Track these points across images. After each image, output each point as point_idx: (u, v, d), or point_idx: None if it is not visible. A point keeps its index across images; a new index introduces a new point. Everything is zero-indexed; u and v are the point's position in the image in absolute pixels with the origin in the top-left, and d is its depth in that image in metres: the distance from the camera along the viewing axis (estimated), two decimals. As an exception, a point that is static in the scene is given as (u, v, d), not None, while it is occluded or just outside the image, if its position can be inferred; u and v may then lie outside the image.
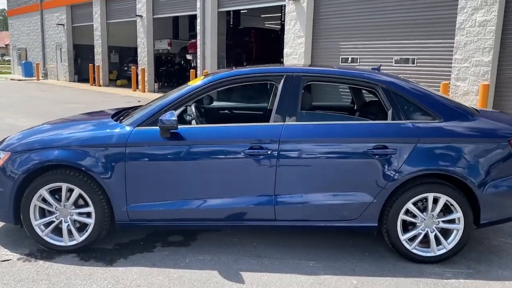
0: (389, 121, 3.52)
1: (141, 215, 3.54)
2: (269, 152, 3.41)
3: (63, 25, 26.04)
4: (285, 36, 13.69)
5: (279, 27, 22.31)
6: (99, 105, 14.51)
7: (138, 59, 20.67)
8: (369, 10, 11.63)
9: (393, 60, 11.31)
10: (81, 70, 26.89)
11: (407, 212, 3.51)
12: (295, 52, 13.38)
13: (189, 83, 3.85)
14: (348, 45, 12.25)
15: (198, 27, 16.92)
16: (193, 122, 4.09)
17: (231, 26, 21.38)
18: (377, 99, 4.70)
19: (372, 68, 4.25)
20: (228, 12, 19.52)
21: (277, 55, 19.31)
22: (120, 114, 4.15)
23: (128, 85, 22.31)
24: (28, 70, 29.33)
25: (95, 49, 23.82)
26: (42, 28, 28.24)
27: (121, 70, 26.11)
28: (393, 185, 3.43)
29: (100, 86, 23.23)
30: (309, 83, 3.64)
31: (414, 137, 3.42)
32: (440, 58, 10.33)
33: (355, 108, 4.93)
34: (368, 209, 3.48)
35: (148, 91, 19.99)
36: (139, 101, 15.62)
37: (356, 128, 3.48)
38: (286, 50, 13.67)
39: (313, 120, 3.55)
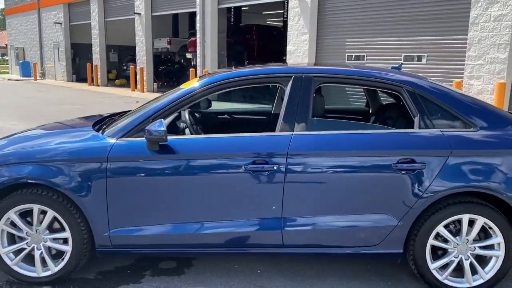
0: (416, 129, 2.99)
1: (126, 241, 3.03)
2: (275, 167, 2.89)
3: (60, 23, 25.56)
4: (288, 32, 13.18)
5: (281, 24, 21.77)
6: (96, 105, 14.04)
7: (137, 58, 20.18)
8: (376, 5, 11.11)
9: (402, 57, 10.79)
10: (79, 70, 26.41)
11: (437, 236, 2.99)
12: (299, 50, 12.87)
13: (182, 86, 3.34)
14: (354, 42, 11.74)
15: (198, 25, 16.40)
16: (187, 130, 3.57)
17: (231, 23, 20.85)
18: (395, 101, 4.22)
19: (392, 67, 3.72)
20: (228, 9, 19.01)
21: (279, 53, 18.80)
22: (104, 121, 3.63)
23: (127, 85, 21.83)
24: (26, 70, 28.86)
25: (93, 48, 23.34)
26: (40, 27, 27.76)
27: (120, 69, 25.61)
28: (422, 206, 2.91)
29: (99, 86, 22.75)
30: (321, 85, 3.12)
31: (446, 149, 2.90)
32: (452, 55, 9.82)
33: (370, 111, 4.40)
34: (392, 233, 2.96)
35: (147, 91, 19.49)
36: (137, 102, 15.14)
37: (377, 139, 2.95)
38: (289, 48, 13.16)
39: (326, 128, 3.03)
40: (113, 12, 21.97)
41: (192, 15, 18.61)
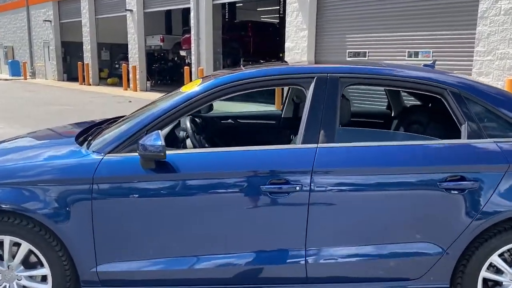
0: (464, 140, 2.50)
1: (117, 277, 2.51)
2: (297, 187, 2.38)
3: (50, 21, 24.88)
4: (286, 29, 12.67)
5: (277, 20, 21.29)
6: (87, 106, 13.47)
7: (129, 56, 19.59)
8: (379, -2, 10.65)
9: (406, 53, 10.33)
10: (70, 69, 25.73)
11: (490, 266, 2.51)
12: (297, 46, 12.37)
13: (182, 89, 2.82)
14: (355, 37, 11.26)
15: (192, 21, 15.83)
16: (188, 141, 3.05)
17: (226, 20, 20.35)
18: (420, 103, 3.75)
19: (424, 65, 3.23)
20: (223, 5, 18.46)
21: (276, 50, 18.33)
22: (90, 132, 3.10)
23: (120, 84, 21.23)
24: (15, 69, 28.12)
25: (84, 46, 22.71)
26: (29, 25, 27.03)
27: (112, 68, 24.99)
28: (473, 232, 2.43)
29: (90, 85, 22.11)
30: (349, 87, 2.61)
31: (503, 163, 2.41)
32: (459, 51, 9.35)
33: (393, 115, 3.91)
34: (437, 264, 2.47)
35: (140, 90, 18.90)
36: (130, 101, 14.60)
37: (420, 152, 2.45)
38: (287, 44, 12.65)
39: (356, 139, 2.52)
40: (104, 9, 21.34)
41: (186, 11, 18.05)
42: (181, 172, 2.40)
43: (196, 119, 3.65)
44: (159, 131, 2.39)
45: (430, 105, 3.65)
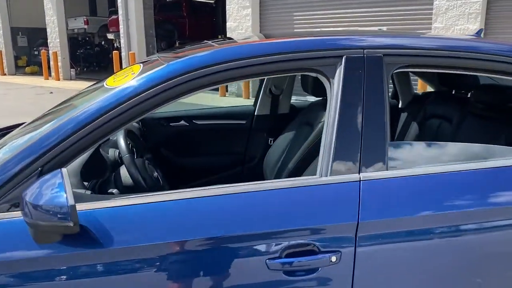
0: None
1: None
2: (332, 258, 1.32)
3: (-48, 3, 21.88)
4: (227, 7, 11.54)
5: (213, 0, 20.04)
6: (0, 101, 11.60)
7: (49, 41, 17.52)
8: (328, -28, 9.85)
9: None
10: (-18, 58, 22.92)
11: None
12: (240, 26, 11.31)
13: (108, 83, 1.62)
14: (303, 15, 10.50)
15: (120, 0, 14.18)
16: (123, 170, 1.86)
17: (158, -1, 18.84)
18: (434, 89, 2.85)
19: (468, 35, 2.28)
20: (154, -17, 16.91)
21: (214, 31, 17.17)
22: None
23: (40, 73, 19.03)
24: None
25: (-6, 32, 20.16)
26: None
27: (31, 55, 22.52)
28: None
29: (5, 75, 19.63)
30: (398, 71, 1.55)
31: None
32: (415, 28, 8.80)
33: (400, 106, 2.96)
34: None
35: (63, 78, 16.95)
36: (51, 92, 12.85)
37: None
38: (229, 24, 11.52)
39: (416, 160, 1.49)
40: (16, -12, 18.98)
41: (112, -10, 16.35)
42: (111, 247, 1.24)
43: (135, 125, 2.47)
44: (64, 169, 1.20)
45: (453, 92, 2.74)
